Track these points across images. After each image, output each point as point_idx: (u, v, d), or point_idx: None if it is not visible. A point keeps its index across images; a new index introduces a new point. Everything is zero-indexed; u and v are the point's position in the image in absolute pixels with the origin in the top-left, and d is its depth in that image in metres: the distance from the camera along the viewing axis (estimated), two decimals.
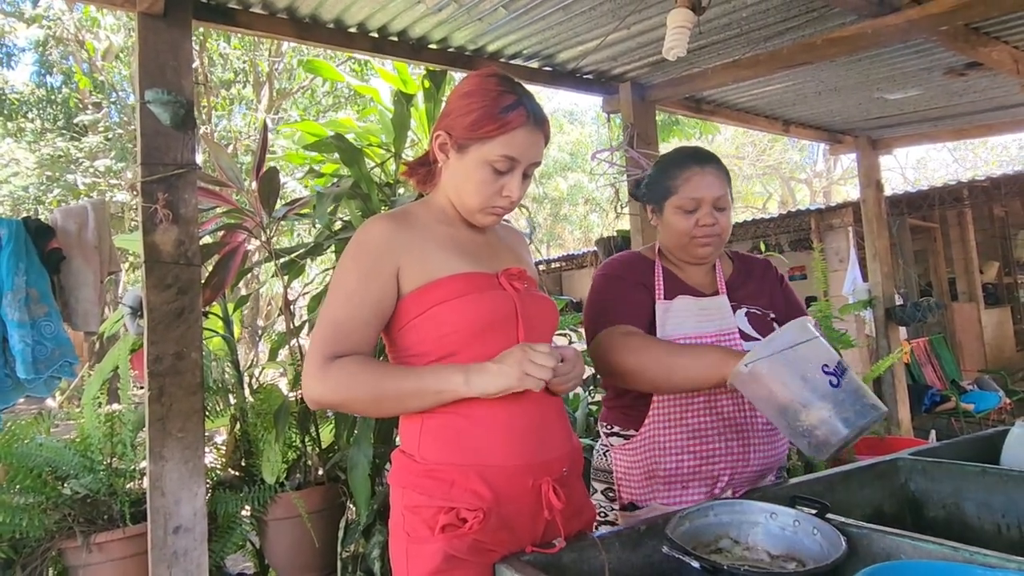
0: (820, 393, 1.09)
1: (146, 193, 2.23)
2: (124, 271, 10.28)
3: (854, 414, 1.09)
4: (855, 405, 1.09)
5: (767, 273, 1.59)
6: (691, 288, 1.48)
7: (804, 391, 1.10)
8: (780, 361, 1.11)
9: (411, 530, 1.08)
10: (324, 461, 2.92)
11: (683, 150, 1.52)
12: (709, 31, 3.09)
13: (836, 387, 1.09)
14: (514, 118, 1.11)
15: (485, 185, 1.13)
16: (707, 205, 1.41)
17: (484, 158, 1.12)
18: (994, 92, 4.23)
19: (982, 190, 7.88)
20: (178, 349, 2.25)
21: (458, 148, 1.14)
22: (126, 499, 2.47)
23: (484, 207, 1.15)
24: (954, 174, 17.35)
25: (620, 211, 3.82)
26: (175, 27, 2.33)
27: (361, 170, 2.92)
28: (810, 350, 1.12)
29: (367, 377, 1.06)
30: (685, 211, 1.42)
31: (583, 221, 18.74)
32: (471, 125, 1.11)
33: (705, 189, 1.41)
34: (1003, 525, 1.30)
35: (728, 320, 1.43)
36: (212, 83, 9.47)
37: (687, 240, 1.43)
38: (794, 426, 1.11)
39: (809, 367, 1.10)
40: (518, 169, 1.14)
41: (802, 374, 1.10)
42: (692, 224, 1.41)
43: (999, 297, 9.39)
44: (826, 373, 1.10)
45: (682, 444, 1.39)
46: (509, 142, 1.11)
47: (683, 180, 1.43)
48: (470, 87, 1.15)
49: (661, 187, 1.47)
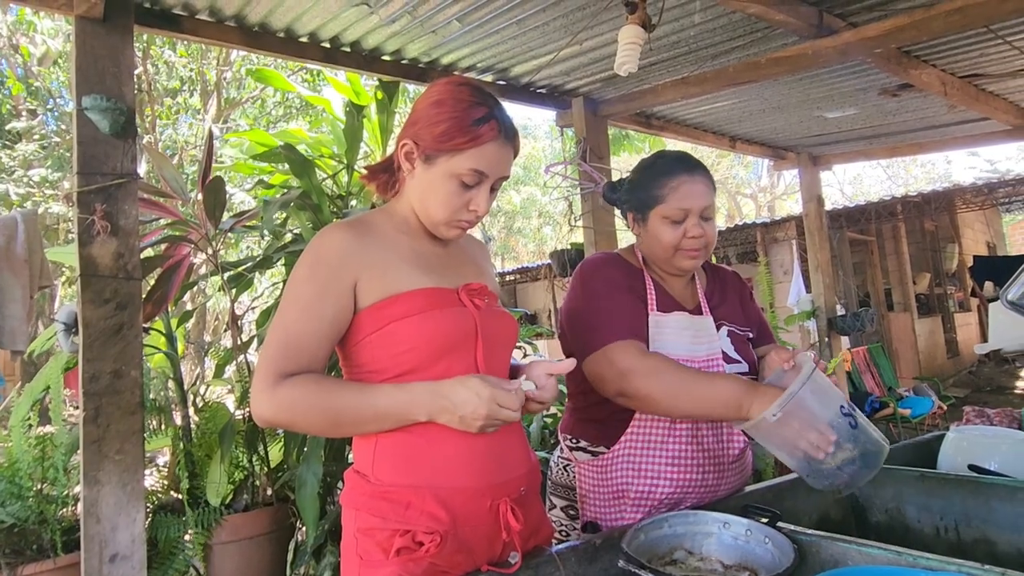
0: (844, 435, 1.10)
1: (83, 204, 2.13)
2: (60, 286, 9.80)
3: (872, 452, 1.12)
4: (870, 443, 1.12)
5: (737, 286, 1.55)
6: (678, 303, 1.41)
7: (829, 435, 1.10)
8: (804, 409, 1.10)
9: (364, 553, 1.04)
10: (273, 481, 2.82)
11: (669, 156, 1.42)
12: (659, 48, 3.16)
13: (855, 428, 1.11)
14: (485, 131, 1.06)
15: (452, 198, 1.09)
16: (695, 215, 1.34)
17: (452, 171, 1.07)
18: (924, 112, 4.47)
19: (914, 205, 8.30)
20: (116, 367, 2.14)
21: (425, 158, 1.09)
22: (57, 527, 2.34)
23: (450, 220, 1.11)
24: (888, 190, 18.24)
25: (574, 224, 3.86)
26: (115, 32, 2.24)
27: (312, 181, 2.87)
28: (827, 393, 1.12)
29: (321, 399, 1.02)
30: (673, 221, 1.34)
31: (536, 234, 18.88)
32: (440, 136, 1.06)
33: (694, 199, 1.33)
34: (941, 527, 1.35)
35: (714, 343, 1.37)
36: (156, 91, 9.18)
37: (673, 252, 1.35)
38: (817, 469, 1.12)
39: (830, 412, 1.11)
40: (486, 183, 1.10)
41: (827, 420, 1.11)
42: (680, 235, 1.34)
43: (931, 307, 9.89)
44: (844, 415, 1.11)
45: (659, 469, 1.32)
46: (479, 156, 1.07)
47: (671, 189, 1.34)
48: (441, 95, 1.10)
49: (647, 195, 1.38)
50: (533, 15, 2.76)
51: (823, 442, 1.09)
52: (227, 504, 2.64)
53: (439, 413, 1.01)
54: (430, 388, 1.01)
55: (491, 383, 1.00)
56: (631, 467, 1.34)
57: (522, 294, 12.54)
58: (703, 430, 1.34)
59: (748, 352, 1.42)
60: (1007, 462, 1.46)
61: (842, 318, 5.51)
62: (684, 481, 1.33)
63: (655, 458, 1.33)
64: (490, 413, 0.99)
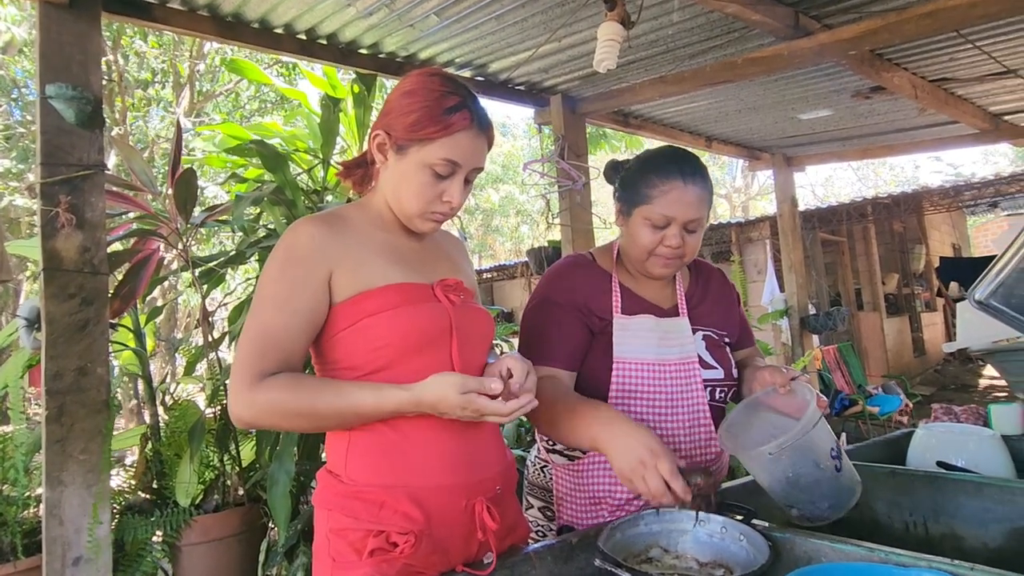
0: (828, 476, 1.13)
1: (46, 195, 2.07)
2: (25, 280, 9.54)
3: (849, 492, 1.15)
4: (850, 483, 1.16)
5: (724, 287, 1.50)
6: (649, 304, 1.36)
7: (815, 475, 1.13)
8: (800, 448, 1.12)
9: (336, 554, 1.02)
10: (244, 480, 2.77)
11: (671, 155, 1.33)
12: (637, 47, 3.17)
13: (839, 471, 1.14)
14: (457, 120, 1.05)
15: (425, 189, 1.07)
16: (678, 225, 1.26)
17: (424, 161, 1.06)
18: (895, 115, 4.55)
19: (884, 207, 8.47)
20: (81, 364, 2.08)
21: (397, 149, 1.08)
22: (18, 529, 2.27)
23: (423, 212, 1.09)
24: (858, 192, 18.60)
25: (551, 222, 3.86)
26: (83, 19, 2.18)
27: (285, 176, 2.82)
28: (820, 434, 1.14)
29: (301, 401, 1.00)
30: (654, 225, 1.27)
31: (514, 232, 18.88)
32: (411, 125, 1.05)
33: (681, 209, 1.25)
34: (910, 523, 1.37)
35: (688, 346, 1.33)
36: (127, 82, 8.96)
37: (646, 256, 1.30)
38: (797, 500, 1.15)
39: (822, 455, 1.13)
40: (460, 174, 1.08)
41: (816, 460, 1.13)
42: (656, 240, 1.27)
43: (899, 307, 10.11)
44: (832, 458, 1.13)
45: None
46: (451, 145, 1.05)
47: (660, 192, 1.26)
48: (412, 85, 1.09)
49: (636, 191, 1.30)
50: (512, 11, 2.75)
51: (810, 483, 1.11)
52: (197, 504, 2.59)
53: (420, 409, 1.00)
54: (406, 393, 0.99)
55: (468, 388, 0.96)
56: (607, 473, 1.30)
57: (499, 292, 12.53)
58: (678, 436, 1.32)
59: (725, 357, 1.39)
60: (974, 458, 1.49)
61: (814, 317, 5.61)
62: None
63: None
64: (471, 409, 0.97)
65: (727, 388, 1.37)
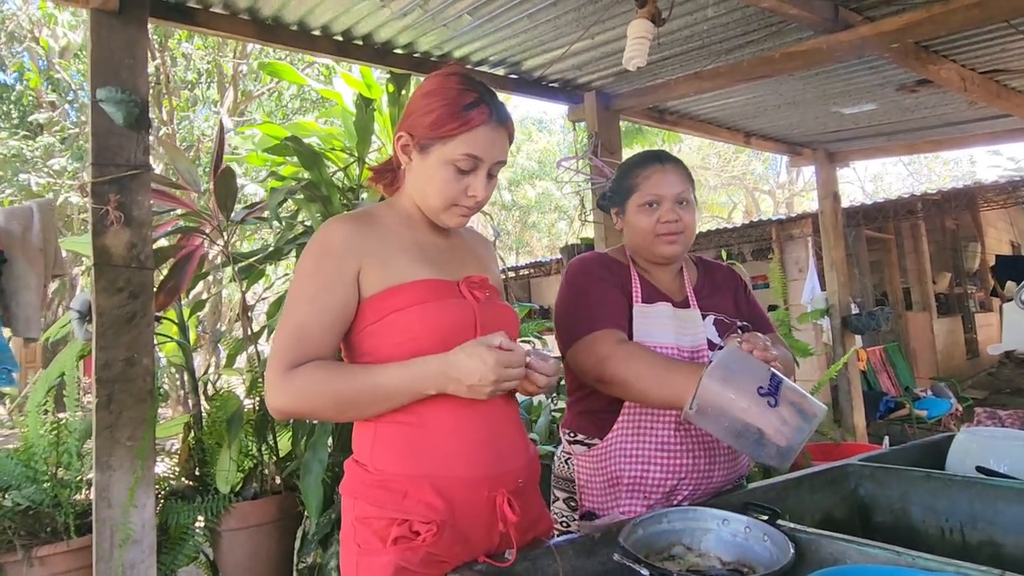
0: (764, 416, 1.12)
1: (97, 194, 2.16)
2: (80, 275, 9.96)
3: (797, 426, 1.13)
4: (797, 417, 1.13)
5: (731, 280, 1.59)
6: (665, 295, 1.46)
7: (747, 418, 1.12)
8: (716, 399, 1.13)
9: (362, 542, 1.06)
10: (281, 469, 2.86)
11: (643, 152, 1.53)
12: (671, 43, 3.14)
13: (775, 406, 1.12)
14: (475, 116, 1.09)
15: (449, 185, 1.11)
16: (669, 201, 1.42)
17: (446, 157, 1.10)
18: (943, 109, 4.39)
19: (934, 203, 8.16)
20: (128, 355, 2.18)
21: (420, 148, 1.12)
22: (71, 511, 2.38)
23: (448, 207, 1.13)
24: (909, 188, 17.96)
25: (585, 219, 3.85)
26: (130, 25, 2.27)
27: (321, 173, 2.89)
28: (743, 376, 1.14)
29: (332, 383, 1.04)
30: (648, 206, 1.43)
31: (551, 228, 18.85)
32: (432, 124, 1.09)
33: (667, 186, 1.42)
34: (946, 529, 1.34)
35: (700, 335, 1.42)
36: (174, 83, 9.26)
37: (652, 238, 1.43)
38: (752, 446, 1.14)
39: (745, 396, 1.12)
40: (482, 168, 1.12)
41: (741, 406, 1.12)
42: (655, 220, 1.42)
43: (950, 307, 9.74)
44: (762, 395, 1.12)
45: (648, 455, 1.37)
46: (471, 140, 1.09)
47: (643, 178, 1.44)
48: (431, 86, 1.13)
49: (623, 188, 1.48)
50: (544, 9, 2.75)
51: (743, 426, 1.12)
52: (236, 492, 2.68)
53: (447, 384, 1.04)
54: (436, 362, 1.04)
55: (493, 347, 1.02)
56: (622, 454, 1.38)
57: (536, 288, 12.55)
58: (692, 425, 1.35)
59: None
60: (1017, 465, 1.44)
61: (856, 316, 5.45)
62: (675, 467, 1.37)
63: (644, 446, 1.38)
64: (498, 378, 1.01)
65: None
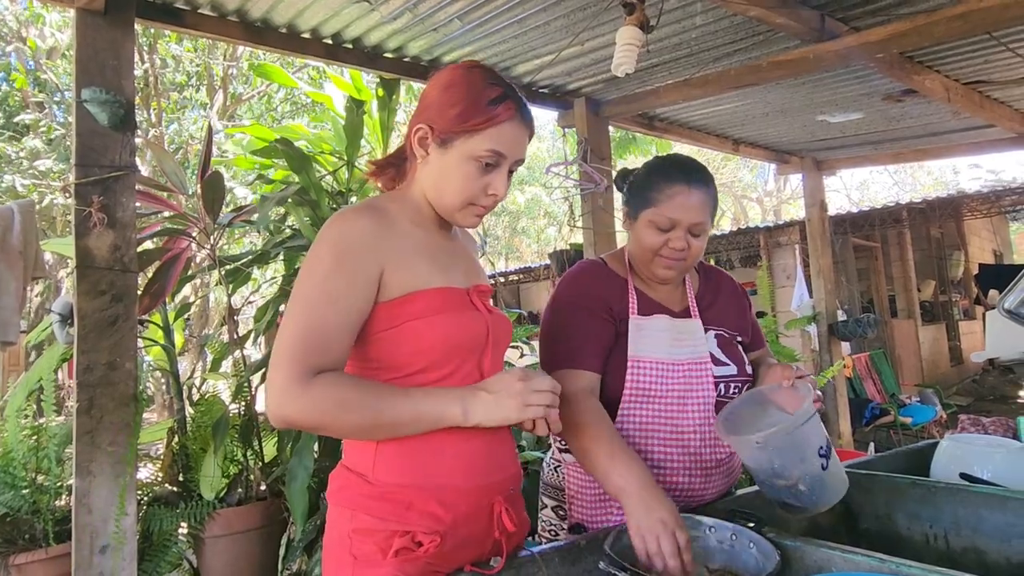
0: (813, 474, 1.14)
1: (80, 195, 2.14)
2: (65, 277, 9.84)
3: (833, 491, 1.17)
4: (835, 483, 1.17)
5: (735, 293, 1.53)
6: (662, 306, 1.39)
7: (800, 470, 1.14)
8: (788, 441, 1.14)
9: (359, 553, 1.02)
10: (266, 476, 2.83)
11: (675, 161, 1.38)
12: (661, 50, 3.15)
13: (825, 470, 1.15)
14: (502, 111, 1.05)
15: (469, 182, 1.06)
16: (682, 228, 1.30)
17: (470, 152, 1.05)
18: (928, 119, 4.44)
19: (919, 212, 8.26)
20: (111, 359, 2.15)
21: (440, 142, 1.06)
22: (50, 517, 2.35)
23: (465, 205, 1.09)
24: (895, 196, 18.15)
25: (574, 225, 3.85)
26: (116, 25, 2.25)
27: (310, 177, 2.87)
28: (811, 431, 1.15)
29: (359, 400, 0.97)
30: (659, 228, 1.31)
31: (540, 234, 18.87)
32: (456, 117, 1.04)
33: (685, 212, 1.29)
34: (930, 536, 1.34)
35: (700, 346, 1.36)
36: (163, 85, 9.19)
37: (652, 257, 1.34)
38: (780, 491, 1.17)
39: (809, 451, 1.14)
40: (504, 165, 1.07)
41: (802, 456, 1.14)
42: (661, 243, 1.31)
43: (935, 314, 9.84)
44: (820, 456, 1.14)
45: None
46: (497, 136, 1.05)
47: (666, 196, 1.31)
48: (452, 79, 1.09)
49: (642, 195, 1.35)
50: (534, 14, 2.76)
51: (792, 475, 1.13)
52: (220, 498, 2.65)
53: (474, 402, 1.02)
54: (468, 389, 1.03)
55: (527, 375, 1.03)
56: None
57: (525, 294, 12.57)
58: (687, 434, 1.33)
59: (737, 354, 1.41)
60: (1000, 472, 1.45)
61: (843, 324, 5.49)
62: (669, 484, 1.32)
63: None
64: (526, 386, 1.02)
65: (740, 384, 1.38)
